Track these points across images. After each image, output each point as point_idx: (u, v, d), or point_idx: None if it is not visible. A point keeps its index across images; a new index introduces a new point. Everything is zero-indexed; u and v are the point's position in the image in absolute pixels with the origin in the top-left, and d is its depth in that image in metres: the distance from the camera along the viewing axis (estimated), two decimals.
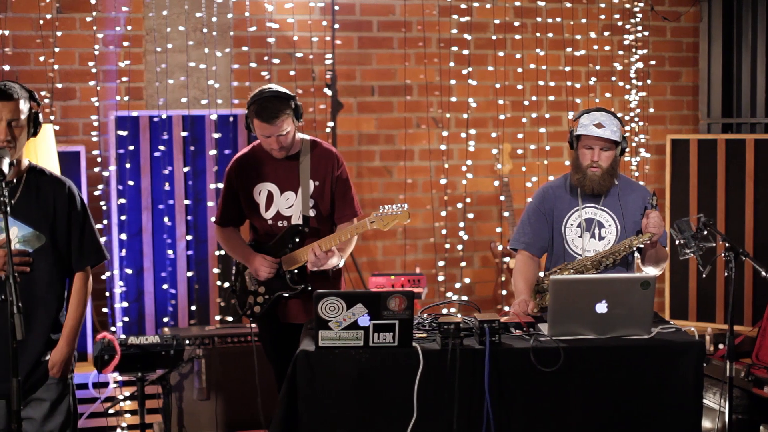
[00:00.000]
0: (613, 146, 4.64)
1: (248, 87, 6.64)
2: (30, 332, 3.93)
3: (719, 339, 6.23)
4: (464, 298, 7.02)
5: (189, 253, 6.40)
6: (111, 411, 5.87)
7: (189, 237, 6.39)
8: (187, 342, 5.81)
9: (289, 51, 6.77)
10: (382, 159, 7.06)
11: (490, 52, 7.14)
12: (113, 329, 6.31)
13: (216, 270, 6.42)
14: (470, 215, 7.17)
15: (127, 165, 6.28)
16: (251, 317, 4.93)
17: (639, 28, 7.39)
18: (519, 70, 7.20)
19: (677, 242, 4.73)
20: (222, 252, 6.39)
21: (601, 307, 4.09)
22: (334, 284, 4.92)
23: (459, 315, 4.84)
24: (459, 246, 7.12)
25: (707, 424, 5.45)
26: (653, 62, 7.48)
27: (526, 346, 4.04)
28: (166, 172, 6.35)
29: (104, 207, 6.38)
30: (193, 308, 6.42)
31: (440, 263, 7.12)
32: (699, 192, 7.02)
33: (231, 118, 6.43)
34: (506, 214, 6.94)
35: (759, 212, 6.85)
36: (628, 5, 7.35)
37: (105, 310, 6.38)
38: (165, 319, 6.38)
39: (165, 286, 6.37)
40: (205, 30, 6.57)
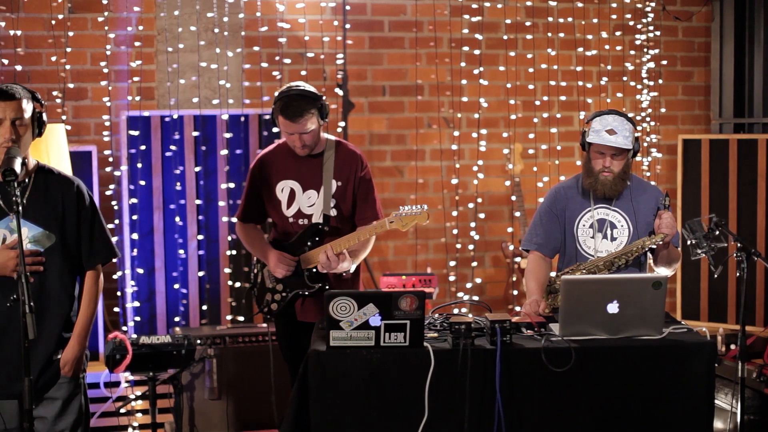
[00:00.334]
0: (625, 151, 4.63)
1: (259, 87, 6.65)
2: (42, 331, 3.94)
3: (731, 339, 6.21)
4: (475, 298, 7.01)
5: (200, 253, 6.40)
6: (122, 410, 5.89)
7: (200, 237, 6.40)
8: (199, 342, 5.82)
9: (301, 51, 6.78)
10: (394, 159, 7.05)
11: (502, 52, 7.13)
12: (125, 329, 6.32)
13: (227, 270, 6.43)
14: (481, 215, 7.16)
15: (139, 165, 6.30)
16: (268, 314, 4.94)
17: (651, 28, 7.38)
18: (530, 70, 7.19)
19: (689, 242, 4.72)
20: (233, 252, 6.40)
21: (613, 308, 4.08)
22: (352, 284, 4.92)
23: (470, 315, 4.84)
24: (470, 246, 7.11)
25: (719, 425, 5.44)
26: (665, 62, 7.46)
27: (538, 346, 4.03)
28: (178, 172, 6.36)
29: (116, 207, 6.39)
30: (205, 308, 6.42)
31: (451, 263, 7.11)
32: (711, 192, 7.00)
33: (242, 118, 6.44)
34: (517, 214, 6.93)
35: None
36: (640, 5, 7.33)
37: (116, 310, 6.40)
38: (176, 319, 6.39)
39: (176, 286, 6.38)
40: (217, 30, 6.58)
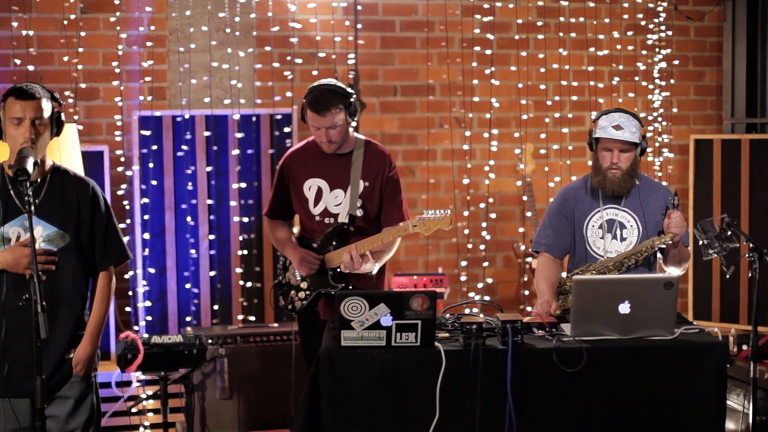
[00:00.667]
0: (633, 147, 4.62)
1: (270, 87, 6.66)
2: (54, 330, 3.96)
3: (743, 340, 6.20)
4: (486, 298, 7.00)
5: (212, 253, 6.41)
6: (134, 410, 5.89)
7: (212, 236, 6.41)
8: (210, 341, 5.82)
9: (312, 51, 6.78)
10: (405, 159, 7.05)
11: (513, 52, 7.12)
12: (136, 328, 6.34)
13: (239, 269, 6.44)
14: (493, 215, 7.15)
15: (150, 165, 6.31)
16: (292, 311, 4.95)
17: (662, 28, 7.36)
18: (542, 70, 7.18)
19: (701, 243, 4.71)
20: (244, 252, 6.41)
21: (624, 308, 4.07)
22: (377, 284, 4.91)
23: (481, 315, 4.83)
24: (481, 246, 7.11)
25: (731, 426, 5.43)
26: (677, 62, 7.44)
27: (549, 347, 4.03)
28: (189, 172, 6.37)
29: (127, 206, 6.40)
30: (216, 308, 6.43)
31: (463, 263, 7.11)
32: (723, 192, 6.98)
33: (254, 118, 6.45)
34: (529, 214, 6.93)
35: None
36: (652, 5, 7.31)
37: (128, 310, 6.41)
38: (188, 319, 6.40)
39: (188, 286, 6.39)
40: (228, 30, 6.58)
